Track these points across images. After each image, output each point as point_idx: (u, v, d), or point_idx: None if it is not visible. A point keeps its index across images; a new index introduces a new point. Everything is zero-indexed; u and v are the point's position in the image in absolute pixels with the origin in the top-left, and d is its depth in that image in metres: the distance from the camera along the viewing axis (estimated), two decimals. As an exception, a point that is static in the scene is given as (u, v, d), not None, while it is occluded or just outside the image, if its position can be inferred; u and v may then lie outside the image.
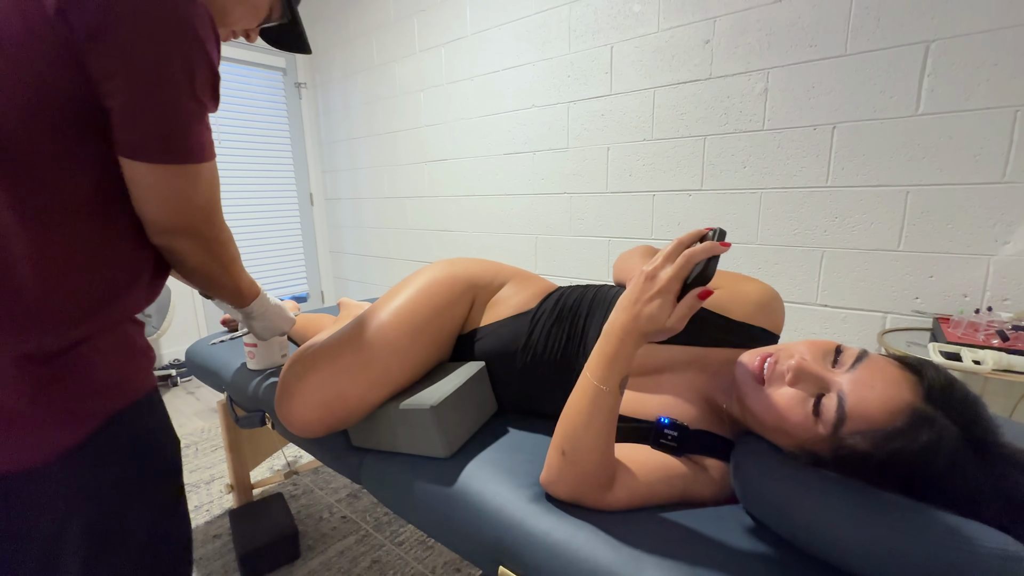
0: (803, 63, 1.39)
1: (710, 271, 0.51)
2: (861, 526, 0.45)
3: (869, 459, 0.48)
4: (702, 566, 0.50)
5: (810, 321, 1.50)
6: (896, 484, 0.48)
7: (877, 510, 0.45)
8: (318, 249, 3.20)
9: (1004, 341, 1.04)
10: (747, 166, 1.54)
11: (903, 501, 0.46)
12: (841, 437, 0.50)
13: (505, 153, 2.13)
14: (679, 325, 0.51)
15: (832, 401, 0.51)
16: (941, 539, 0.41)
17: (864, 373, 0.52)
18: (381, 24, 2.52)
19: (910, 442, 0.46)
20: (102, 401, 0.52)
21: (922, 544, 0.42)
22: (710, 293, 0.51)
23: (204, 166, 0.53)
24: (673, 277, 0.51)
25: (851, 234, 1.39)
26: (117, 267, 0.52)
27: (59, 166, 0.46)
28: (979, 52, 1.16)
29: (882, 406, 0.49)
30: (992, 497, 0.45)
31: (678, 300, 0.51)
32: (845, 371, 0.53)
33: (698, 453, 0.63)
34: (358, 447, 0.82)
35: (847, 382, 0.52)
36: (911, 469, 0.47)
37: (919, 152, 1.27)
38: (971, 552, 0.40)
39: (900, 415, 0.48)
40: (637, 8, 1.67)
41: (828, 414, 0.51)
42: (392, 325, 0.78)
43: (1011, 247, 1.19)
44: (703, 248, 0.51)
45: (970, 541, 0.40)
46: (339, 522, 1.43)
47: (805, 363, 0.55)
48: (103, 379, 0.52)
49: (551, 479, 0.59)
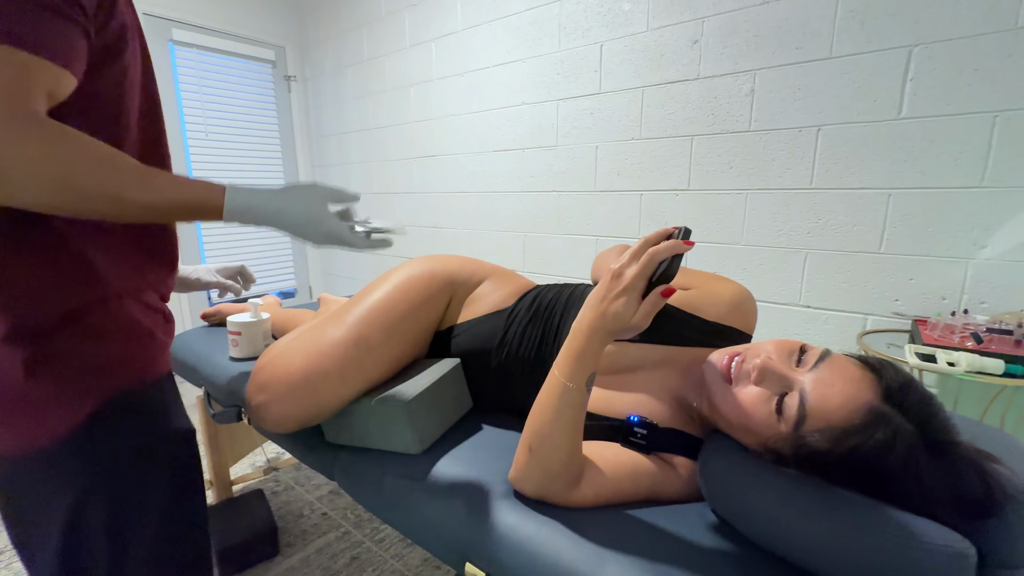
0: (789, 65, 1.40)
1: (673, 269, 0.51)
2: (815, 523, 0.45)
3: (827, 456, 0.49)
4: (663, 562, 0.50)
5: (793, 322, 1.51)
6: (853, 481, 0.48)
7: (831, 507, 0.46)
8: (307, 244, 3.17)
9: (978, 343, 1.05)
10: (733, 167, 1.54)
11: (857, 499, 0.46)
12: (801, 435, 0.51)
13: (494, 150, 2.12)
14: (644, 322, 0.52)
15: (794, 400, 0.52)
16: (891, 536, 0.42)
17: (826, 372, 0.52)
18: (372, 18, 2.50)
19: (866, 440, 0.47)
20: (98, 381, 0.51)
21: (873, 541, 0.42)
22: (673, 291, 0.51)
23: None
24: (638, 275, 0.51)
25: (834, 236, 1.40)
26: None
27: None
28: (960, 57, 1.17)
29: (841, 405, 0.50)
30: (945, 495, 0.45)
31: (644, 298, 0.52)
32: (808, 370, 0.54)
33: (667, 451, 0.63)
34: (332, 443, 0.81)
35: (809, 381, 0.52)
36: (867, 466, 0.47)
37: (901, 156, 1.28)
38: (920, 548, 0.40)
39: (858, 413, 0.49)
40: (627, 7, 1.67)
41: (790, 412, 0.52)
42: (367, 320, 0.77)
43: (988, 251, 1.20)
44: (666, 247, 0.51)
45: (919, 538, 0.41)
46: (319, 519, 1.43)
47: (770, 362, 0.55)
48: (98, 360, 0.51)
49: (518, 476, 0.59)
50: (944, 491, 0.46)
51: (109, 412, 0.51)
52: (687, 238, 0.52)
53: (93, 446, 0.51)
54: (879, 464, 0.47)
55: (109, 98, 0.51)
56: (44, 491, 0.50)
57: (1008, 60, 1.12)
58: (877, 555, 0.42)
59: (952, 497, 0.45)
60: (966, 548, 0.41)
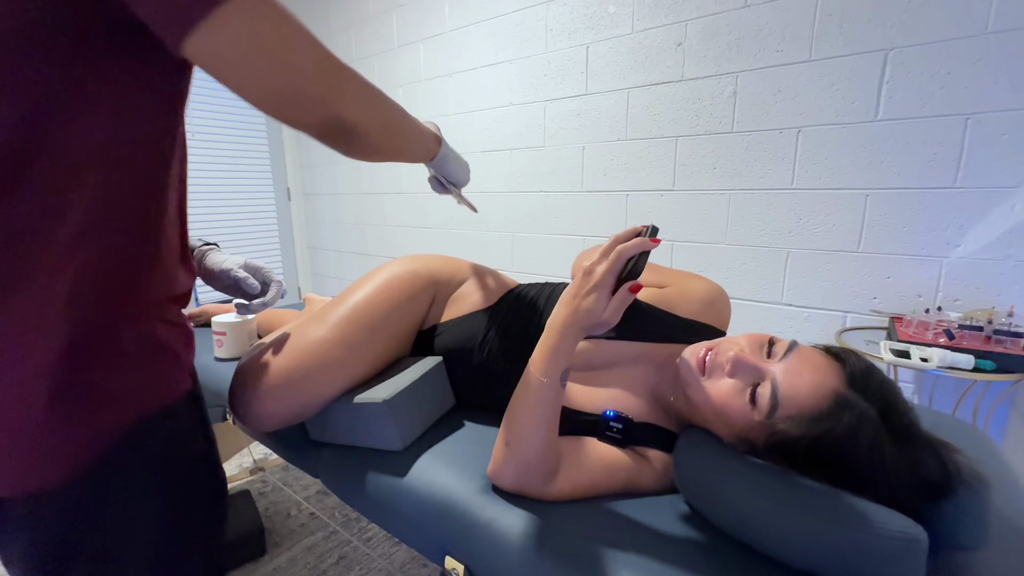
0: (770, 67, 1.42)
1: (640, 265, 0.53)
2: (778, 512, 0.47)
3: (799, 443, 0.51)
4: (637, 553, 0.51)
5: (776, 320, 1.53)
6: (821, 467, 0.50)
7: (793, 496, 0.47)
8: (295, 245, 3.17)
9: (950, 340, 1.08)
10: (717, 167, 1.57)
11: (817, 488, 0.48)
12: (774, 423, 0.53)
13: (483, 151, 2.13)
14: (614, 317, 0.53)
15: (766, 389, 0.54)
16: (848, 523, 0.43)
17: (794, 362, 0.55)
18: (360, 19, 2.50)
19: (834, 424, 0.49)
20: (122, 411, 0.45)
21: (831, 528, 0.44)
22: (640, 287, 0.53)
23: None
24: (607, 272, 0.53)
25: (814, 235, 1.43)
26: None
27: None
28: (934, 61, 1.20)
29: (810, 392, 0.52)
30: (906, 476, 0.48)
31: (613, 294, 0.53)
32: (778, 361, 0.56)
33: (643, 445, 0.65)
34: (316, 441, 0.82)
35: (779, 371, 0.55)
36: (836, 450, 0.49)
37: (878, 157, 1.31)
38: (875, 535, 0.42)
39: (826, 399, 0.51)
40: (612, 9, 1.69)
41: (763, 401, 0.54)
42: (349, 320, 0.78)
43: (962, 250, 1.24)
44: (634, 244, 0.53)
45: (874, 524, 0.43)
46: (307, 519, 1.43)
47: (743, 355, 0.57)
48: (124, 386, 0.45)
49: (496, 470, 0.60)
50: (905, 472, 0.48)
51: (126, 444, 0.46)
52: (654, 236, 0.54)
53: (100, 483, 0.45)
54: (847, 447, 0.49)
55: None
56: (33, 532, 0.45)
57: (978, 64, 1.15)
58: (835, 541, 0.43)
59: (912, 478, 0.48)
60: (918, 534, 0.42)
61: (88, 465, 0.44)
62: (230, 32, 0.38)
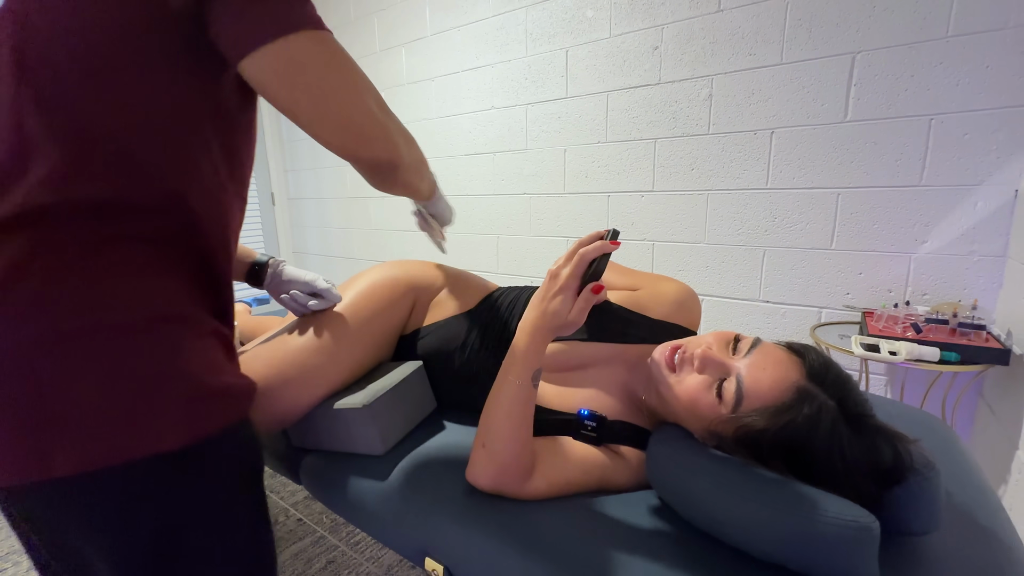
0: (744, 71, 1.46)
1: (601, 268, 0.56)
2: (741, 504, 0.49)
3: (764, 435, 0.54)
4: (612, 547, 0.53)
5: (754, 316, 1.57)
6: (785, 457, 0.53)
7: (754, 489, 0.49)
8: (280, 250, 3.15)
9: (918, 333, 1.12)
10: (695, 168, 1.60)
11: (779, 480, 0.50)
12: (740, 416, 0.55)
13: (466, 154, 2.15)
14: (580, 318, 0.56)
15: (732, 384, 0.57)
16: (804, 513, 0.46)
17: (758, 358, 0.57)
18: (341, 22, 2.50)
19: (796, 415, 0.52)
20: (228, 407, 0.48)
21: (788, 518, 0.46)
22: (602, 287, 0.55)
23: (327, 35, 0.47)
24: (571, 275, 0.55)
25: (789, 234, 1.47)
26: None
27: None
28: (899, 64, 1.25)
29: (772, 386, 0.55)
30: (862, 464, 0.50)
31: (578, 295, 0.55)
32: (743, 357, 0.58)
33: (617, 443, 0.67)
34: (298, 447, 0.82)
35: (744, 367, 0.57)
36: (797, 441, 0.52)
37: (848, 156, 1.35)
38: (829, 523, 0.44)
39: (787, 392, 0.54)
40: (590, 14, 1.71)
41: (728, 395, 0.56)
42: (329, 327, 0.78)
43: (928, 246, 1.28)
44: (594, 247, 0.55)
45: (828, 514, 0.45)
46: (295, 524, 1.43)
47: (709, 351, 0.59)
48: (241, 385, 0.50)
49: (473, 471, 0.61)
50: (862, 460, 0.51)
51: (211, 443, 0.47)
52: (615, 239, 0.56)
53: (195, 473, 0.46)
54: (808, 437, 0.51)
55: None
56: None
57: (940, 67, 1.20)
58: (792, 530, 0.46)
59: (868, 465, 0.51)
60: (870, 522, 0.45)
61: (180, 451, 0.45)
62: (277, 63, 0.45)
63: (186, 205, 0.48)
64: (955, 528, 0.55)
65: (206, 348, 0.49)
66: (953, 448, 0.72)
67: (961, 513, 0.58)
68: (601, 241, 0.56)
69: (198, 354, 0.47)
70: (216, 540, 0.49)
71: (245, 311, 1.37)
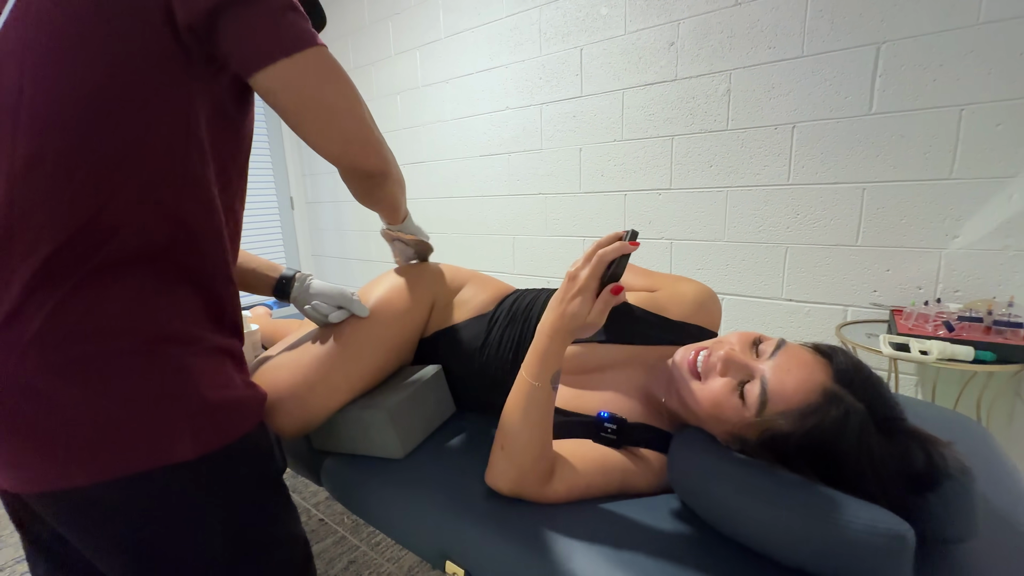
0: (763, 64, 1.43)
1: (620, 269, 0.55)
2: (768, 510, 0.48)
3: (790, 439, 0.52)
4: (633, 552, 0.52)
5: (776, 315, 1.54)
6: (813, 463, 0.51)
7: (782, 495, 0.48)
8: (299, 253, 3.20)
9: (950, 331, 1.08)
10: (713, 165, 1.57)
11: (806, 486, 0.49)
12: (765, 419, 0.54)
13: (481, 155, 2.15)
14: (600, 319, 0.55)
15: (755, 386, 0.55)
16: (838, 520, 0.44)
17: (783, 359, 0.56)
18: (356, 27, 2.53)
19: (823, 418, 0.50)
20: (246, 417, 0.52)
21: (821, 525, 0.45)
22: (621, 289, 0.55)
23: (326, 50, 0.52)
24: (589, 276, 0.55)
25: (812, 230, 1.43)
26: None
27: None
28: (926, 53, 1.20)
29: (797, 388, 0.53)
30: (893, 468, 0.49)
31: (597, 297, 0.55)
32: (766, 359, 0.57)
33: (637, 445, 0.66)
34: (320, 450, 0.83)
35: (768, 369, 0.56)
36: (824, 445, 0.50)
37: (873, 150, 1.31)
38: (864, 532, 0.43)
39: (813, 394, 0.52)
40: (604, 11, 1.70)
41: (752, 398, 0.55)
42: (352, 332, 0.79)
43: (960, 240, 1.23)
44: (613, 248, 0.54)
45: (862, 521, 0.44)
46: (317, 525, 1.45)
47: (733, 353, 0.58)
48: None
49: (492, 474, 0.61)
50: (892, 465, 0.49)
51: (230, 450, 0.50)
52: (634, 239, 0.55)
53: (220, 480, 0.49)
54: (835, 442, 0.50)
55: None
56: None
57: (970, 55, 1.15)
58: (824, 539, 0.44)
59: (899, 470, 0.49)
60: (905, 531, 0.43)
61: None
62: (289, 77, 0.49)
63: (181, 220, 0.48)
64: (993, 535, 0.53)
65: (212, 364, 0.50)
66: (989, 451, 0.69)
67: (999, 519, 0.55)
68: (620, 242, 0.55)
69: (203, 371, 0.49)
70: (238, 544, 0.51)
71: (266, 314, 1.39)
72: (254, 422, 0.53)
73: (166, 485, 0.46)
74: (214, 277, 0.52)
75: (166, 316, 0.47)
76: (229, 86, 0.51)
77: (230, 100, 0.52)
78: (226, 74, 0.50)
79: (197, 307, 0.50)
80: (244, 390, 0.53)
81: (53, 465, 0.43)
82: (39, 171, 0.43)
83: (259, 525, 0.53)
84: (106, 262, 0.44)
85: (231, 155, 0.54)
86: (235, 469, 0.50)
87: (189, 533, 0.48)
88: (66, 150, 0.43)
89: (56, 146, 0.43)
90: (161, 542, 0.47)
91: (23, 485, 0.44)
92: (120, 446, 0.44)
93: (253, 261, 0.81)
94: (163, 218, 0.47)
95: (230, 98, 0.52)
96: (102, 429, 0.43)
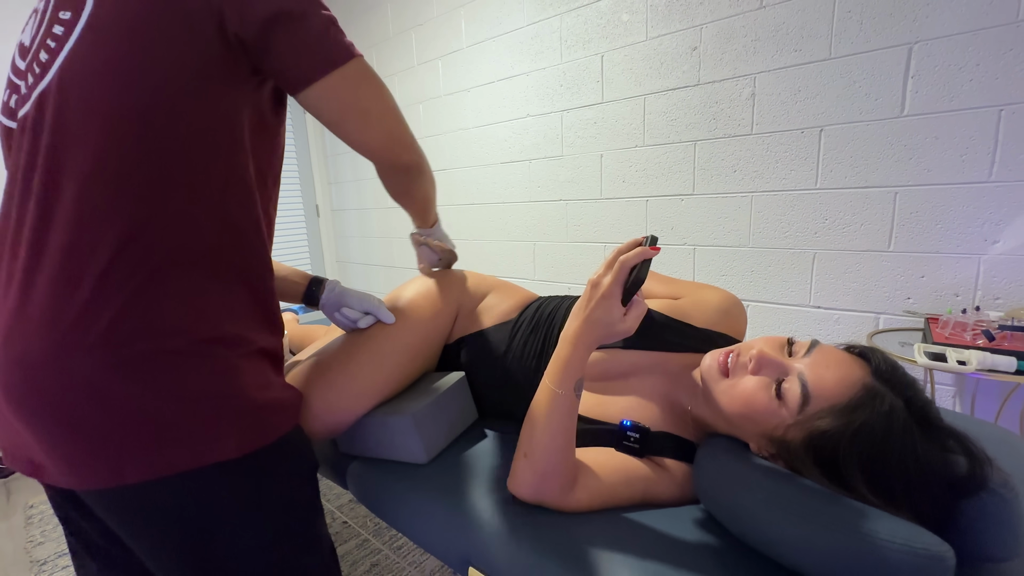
0: (789, 67, 1.40)
1: (643, 274, 0.55)
2: (800, 524, 0.46)
3: (839, 438, 0.50)
4: (657, 562, 0.52)
5: (804, 323, 1.50)
6: (863, 465, 0.49)
7: (814, 510, 0.47)
8: (324, 259, 3.27)
9: (990, 341, 1.03)
10: (737, 170, 1.55)
11: (842, 501, 0.48)
12: (809, 419, 0.52)
13: (502, 162, 2.17)
14: (633, 325, 0.56)
15: (793, 384, 0.54)
16: (871, 536, 0.43)
17: (819, 357, 0.55)
18: (381, 39, 2.59)
19: (871, 413, 0.49)
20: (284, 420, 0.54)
21: (852, 540, 0.43)
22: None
23: (364, 60, 0.57)
24: (613, 282, 0.55)
25: (842, 235, 1.40)
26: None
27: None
28: (961, 53, 1.17)
29: (838, 383, 0.52)
30: (937, 470, 0.47)
31: (623, 303, 0.55)
32: (801, 358, 0.56)
33: (660, 455, 0.65)
34: (345, 454, 0.85)
35: (805, 366, 0.55)
36: (878, 444, 0.48)
37: (906, 153, 1.27)
38: (901, 551, 0.41)
39: (854, 389, 0.51)
40: (625, 17, 1.70)
41: (792, 396, 0.54)
42: (378, 338, 0.81)
43: (1001, 246, 1.18)
44: (635, 254, 0.54)
45: (899, 540, 0.42)
46: (340, 527, 1.47)
47: (765, 352, 0.57)
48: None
49: (515, 482, 0.61)
50: (935, 463, 0.47)
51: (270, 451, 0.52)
52: (654, 244, 0.55)
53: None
54: (884, 439, 0.48)
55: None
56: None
57: (1010, 53, 1.11)
58: (854, 555, 0.43)
59: (941, 469, 0.47)
60: (944, 551, 0.42)
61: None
62: (336, 88, 0.53)
63: (228, 220, 0.51)
64: (1040, 556, 0.50)
65: (255, 366, 0.52)
66: (1035, 468, 0.66)
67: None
68: (641, 248, 0.55)
69: (249, 372, 0.51)
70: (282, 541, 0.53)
71: (293, 320, 1.43)
72: (292, 423, 0.55)
73: (212, 483, 0.48)
74: (262, 276, 0.55)
75: (218, 317, 0.50)
76: (269, 96, 0.54)
77: (269, 109, 0.55)
78: (268, 85, 0.53)
79: (247, 306, 0.53)
80: (283, 391, 0.55)
81: (107, 462, 0.45)
82: (101, 178, 0.46)
83: (300, 522, 0.55)
84: (164, 263, 0.47)
85: (268, 162, 0.57)
86: (276, 467, 0.52)
87: (236, 531, 0.50)
88: (124, 157, 0.46)
89: (116, 153, 0.46)
90: (209, 539, 0.49)
91: (78, 482, 0.47)
92: (170, 444, 0.46)
93: (283, 269, 0.84)
94: (212, 218, 0.50)
95: (269, 108, 0.55)
96: (154, 427, 0.45)
